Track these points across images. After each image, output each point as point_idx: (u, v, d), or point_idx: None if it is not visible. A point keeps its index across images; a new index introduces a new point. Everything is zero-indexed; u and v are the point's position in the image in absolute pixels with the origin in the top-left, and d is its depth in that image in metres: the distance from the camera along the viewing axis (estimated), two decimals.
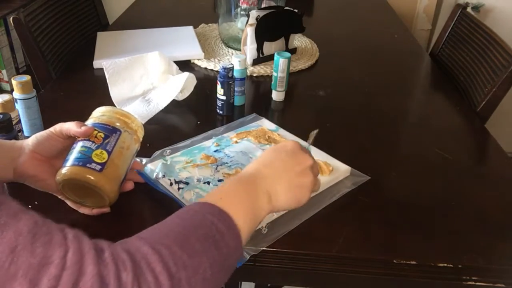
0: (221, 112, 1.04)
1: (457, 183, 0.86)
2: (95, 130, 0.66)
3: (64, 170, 0.63)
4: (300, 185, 0.64)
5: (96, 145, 0.65)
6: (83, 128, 0.65)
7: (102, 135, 0.66)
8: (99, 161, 0.64)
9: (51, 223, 0.44)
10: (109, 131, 0.67)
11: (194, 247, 0.49)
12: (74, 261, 0.40)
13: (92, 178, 0.63)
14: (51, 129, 0.67)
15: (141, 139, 0.73)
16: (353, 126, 1.04)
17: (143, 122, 0.97)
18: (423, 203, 0.80)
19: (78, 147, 0.65)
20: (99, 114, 0.70)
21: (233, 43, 1.38)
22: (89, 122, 0.69)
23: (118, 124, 0.68)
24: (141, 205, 0.75)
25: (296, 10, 1.30)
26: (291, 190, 0.63)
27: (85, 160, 0.63)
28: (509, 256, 0.70)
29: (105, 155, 0.64)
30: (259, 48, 1.27)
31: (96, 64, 1.23)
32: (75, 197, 0.68)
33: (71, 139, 0.67)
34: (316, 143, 0.91)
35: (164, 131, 0.97)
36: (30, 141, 0.67)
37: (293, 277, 0.71)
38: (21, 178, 0.67)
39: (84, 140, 0.65)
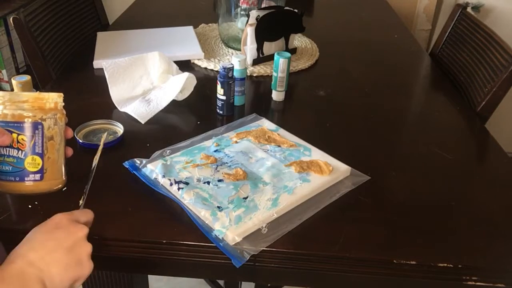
0: (221, 112, 1.04)
1: (457, 183, 0.86)
2: (14, 133, 0.57)
3: (1, 183, 0.58)
4: (76, 260, 0.57)
5: (24, 152, 0.58)
6: (0, 137, 0.57)
7: (25, 138, 0.57)
8: (36, 170, 0.58)
9: None
10: (30, 129, 0.58)
11: None
12: None
13: (37, 188, 0.59)
14: None
15: (62, 106, 0.63)
16: (353, 126, 1.04)
17: (143, 122, 0.97)
18: (423, 203, 0.80)
19: (3, 156, 0.58)
20: (2, 105, 0.58)
21: (233, 43, 1.38)
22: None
23: (32, 115, 0.58)
24: (141, 206, 0.75)
25: (296, 10, 1.30)
26: (68, 269, 0.56)
27: (20, 174, 0.58)
28: (509, 256, 0.70)
29: (39, 160, 0.58)
30: (259, 48, 1.27)
31: (96, 64, 1.23)
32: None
33: None
34: (316, 143, 0.91)
35: (164, 131, 0.97)
36: None
37: (293, 277, 0.71)
38: None
39: (6, 147, 0.58)
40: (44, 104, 0.59)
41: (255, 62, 1.28)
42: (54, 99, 0.61)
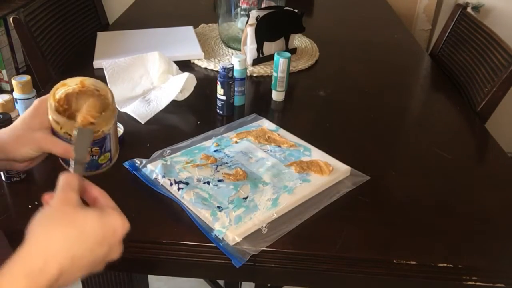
0: (221, 112, 1.04)
1: (457, 183, 0.86)
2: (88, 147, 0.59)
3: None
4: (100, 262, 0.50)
5: (96, 156, 0.62)
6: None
7: (98, 150, 0.62)
8: (106, 160, 0.64)
9: None
10: (99, 143, 0.61)
11: None
12: None
13: (106, 169, 0.65)
14: (24, 141, 0.59)
15: (113, 99, 0.63)
16: (353, 126, 1.04)
17: (143, 122, 0.97)
18: (423, 203, 0.80)
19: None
20: (82, 120, 0.59)
21: (233, 43, 1.38)
22: (73, 136, 0.58)
23: (100, 129, 0.60)
24: (141, 206, 0.75)
25: (296, 10, 1.30)
26: (88, 269, 0.49)
27: (95, 166, 0.63)
28: (509, 256, 0.70)
29: (108, 154, 0.64)
30: (259, 48, 1.27)
31: (96, 64, 1.23)
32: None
33: None
34: (316, 143, 0.91)
35: (164, 131, 0.97)
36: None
37: (293, 277, 0.71)
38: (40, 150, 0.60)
39: None
40: (107, 115, 0.60)
41: (255, 62, 1.28)
42: (107, 91, 0.62)
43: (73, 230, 0.47)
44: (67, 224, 0.47)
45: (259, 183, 0.78)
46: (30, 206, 0.72)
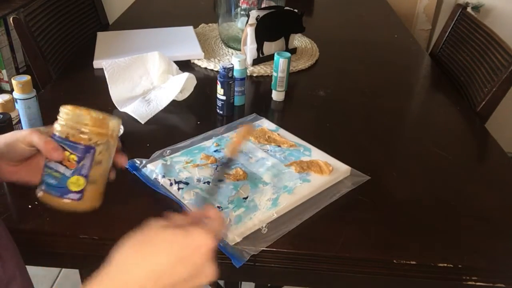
0: (221, 112, 1.04)
1: (457, 183, 0.86)
2: (66, 150, 0.58)
3: (40, 193, 0.59)
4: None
5: (71, 171, 0.58)
6: (53, 154, 0.57)
7: (75, 158, 0.58)
8: (77, 190, 0.58)
9: None
10: (82, 151, 0.58)
11: None
12: None
13: (72, 207, 0.58)
14: (17, 136, 0.59)
15: (118, 134, 0.63)
16: (353, 126, 1.04)
17: (143, 122, 0.97)
18: (423, 203, 0.80)
19: (52, 169, 0.58)
20: (68, 121, 0.59)
21: (233, 43, 1.38)
22: (57, 130, 0.59)
23: (89, 138, 0.58)
24: (140, 206, 0.75)
25: (296, 10, 1.30)
26: None
27: (61, 190, 0.58)
28: (509, 256, 0.70)
29: (82, 181, 0.58)
30: (259, 48, 1.27)
31: (96, 64, 1.23)
32: None
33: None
34: (316, 143, 0.91)
35: (164, 131, 0.97)
36: None
37: (293, 277, 0.71)
38: None
39: (56, 162, 0.58)
40: (103, 130, 0.59)
41: (255, 62, 1.28)
42: (114, 127, 0.61)
43: (152, 251, 0.46)
44: (146, 245, 0.46)
45: (259, 183, 0.78)
46: (30, 206, 0.72)
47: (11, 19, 1.22)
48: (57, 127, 0.59)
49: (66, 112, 0.59)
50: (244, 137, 0.69)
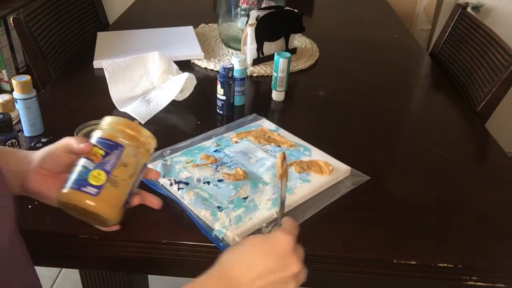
0: (221, 112, 1.04)
1: (457, 183, 0.86)
2: (95, 146, 0.60)
3: (61, 192, 0.59)
4: None
5: (94, 164, 0.59)
6: (81, 145, 0.60)
7: (102, 153, 0.59)
8: (96, 184, 0.58)
9: None
10: (110, 147, 0.60)
11: None
12: None
13: (87, 203, 0.58)
14: (57, 144, 0.63)
15: (151, 151, 0.66)
16: (353, 126, 1.04)
17: (143, 122, 0.97)
18: (423, 203, 0.80)
19: (78, 166, 0.60)
20: (104, 125, 0.63)
21: (233, 43, 1.38)
22: (95, 134, 0.63)
23: (121, 138, 0.61)
24: (141, 206, 0.75)
25: (296, 10, 1.30)
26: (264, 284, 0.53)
27: (80, 182, 0.58)
28: (509, 256, 0.70)
29: (103, 176, 0.58)
30: (259, 48, 1.27)
31: (96, 64, 1.23)
32: (79, 217, 0.64)
33: (77, 155, 0.62)
34: (316, 143, 0.91)
35: (164, 131, 0.97)
36: (38, 156, 0.63)
37: None
38: (26, 193, 0.64)
39: (85, 158, 0.60)
40: (134, 133, 0.62)
41: (255, 62, 1.28)
42: (146, 136, 0.64)
43: (243, 251, 0.55)
44: (239, 248, 0.56)
45: (259, 183, 0.78)
46: (30, 206, 0.72)
47: (11, 19, 1.23)
48: (94, 133, 0.63)
49: (104, 119, 0.63)
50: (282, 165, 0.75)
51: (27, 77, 0.87)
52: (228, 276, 0.53)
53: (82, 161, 0.60)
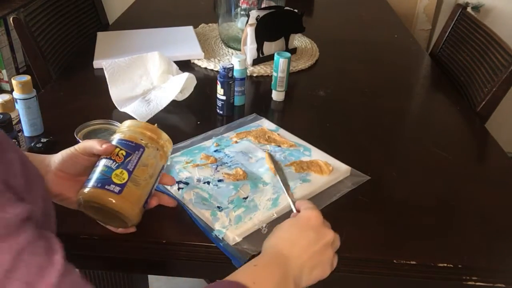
0: (221, 112, 1.04)
1: (457, 183, 0.86)
2: (117, 147, 0.63)
3: (83, 191, 0.61)
4: (321, 263, 0.61)
5: (117, 164, 0.61)
6: (104, 146, 0.62)
7: (124, 153, 0.62)
8: (119, 182, 0.60)
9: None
10: (132, 148, 0.63)
11: None
12: None
13: (111, 200, 0.59)
14: (76, 147, 0.64)
15: (169, 154, 0.68)
16: (353, 126, 1.04)
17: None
18: (423, 203, 0.80)
19: (100, 166, 0.62)
20: (124, 128, 0.66)
21: (233, 43, 1.38)
22: (115, 137, 0.65)
23: (142, 139, 0.64)
24: None
25: (296, 10, 1.30)
26: (313, 270, 0.60)
27: (104, 181, 0.60)
28: (509, 256, 0.70)
29: (126, 175, 0.61)
30: (259, 48, 1.27)
31: (96, 64, 1.23)
32: (97, 217, 0.65)
33: (96, 157, 0.64)
34: (316, 143, 0.91)
35: (164, 131, 0.96)
36: (56, 159, 0.64)
37: None
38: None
39: (106, 158, 0.62)
40: (154, 135, 0.66)
41: (255, 62, 1.28)
42: (165, 139, 0.67)
43: (283, 229, 0.63)
44: (275, 235, 0.63)
45: (259, 183, 0.78)
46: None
47: (11, 19, 1.22)
48: (117, 133, 0.65)
49: (124, 123, 0.67)
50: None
51: (27, 77, 0.87)
52: (281, 257, 0.59)
53: (104, 161, 0.62)
